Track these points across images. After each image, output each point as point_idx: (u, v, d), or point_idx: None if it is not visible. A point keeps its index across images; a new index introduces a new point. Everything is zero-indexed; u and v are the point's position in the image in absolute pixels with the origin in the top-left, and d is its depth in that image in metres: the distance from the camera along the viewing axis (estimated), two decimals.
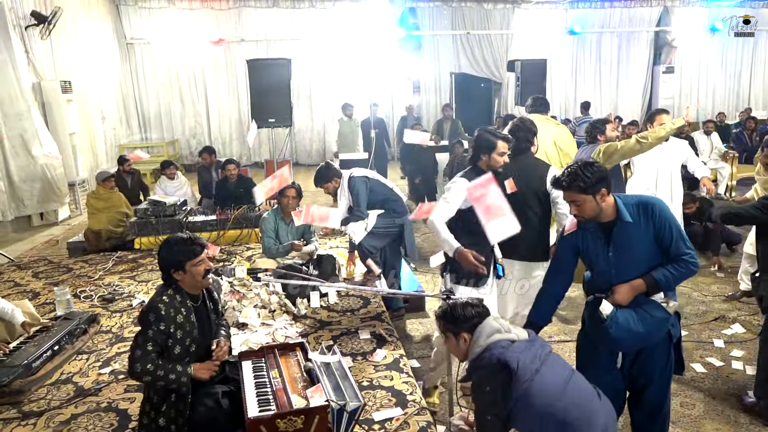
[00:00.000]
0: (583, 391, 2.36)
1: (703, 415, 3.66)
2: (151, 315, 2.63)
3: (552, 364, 2.36)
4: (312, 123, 14.80)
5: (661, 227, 2.60)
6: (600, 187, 2.59)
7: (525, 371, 2.28)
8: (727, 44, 16.29)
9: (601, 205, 2.62)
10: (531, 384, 2.26)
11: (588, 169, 2.60)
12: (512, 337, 2.42)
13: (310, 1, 14.11)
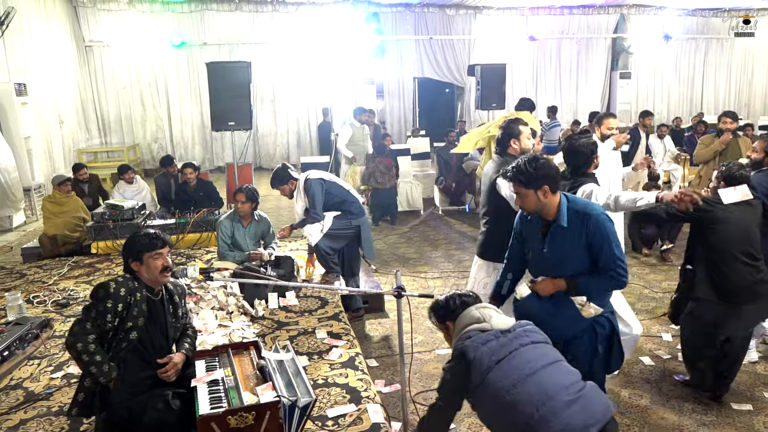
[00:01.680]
0: (547, 387, 2.20)
1: (650, 405, 3.80)
2: (101, 290, 2.69)
3: (519, 358, 2.28)
4: (275, 127, 14.77)
5: (593, 239, 2.70)
6: (542, 184, 2.69)
7: (481, 362, 2.27)
8: (680, 51, 16.83)
9: (543, 201, 2.72)
10: (488, 376, 2.25)
11: (532, 165, 2.72)
12: (485, 327, 2.41)
13: (273, 5, 14.08)
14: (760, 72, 17.49)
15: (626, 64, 16.46)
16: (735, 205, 3.59)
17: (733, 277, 3.54)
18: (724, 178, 3.71)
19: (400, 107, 15.07)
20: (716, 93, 17.34)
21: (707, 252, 3.61)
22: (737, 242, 3.56)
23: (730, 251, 3.54)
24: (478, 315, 2.47)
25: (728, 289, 3.54)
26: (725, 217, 3.55)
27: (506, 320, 2.47)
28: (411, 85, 15.11)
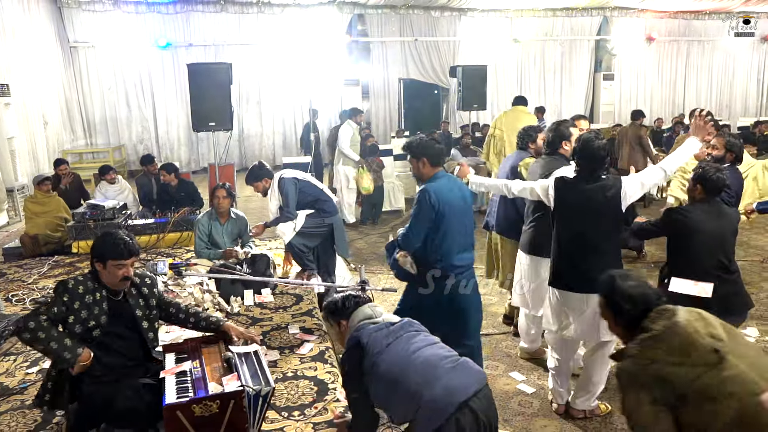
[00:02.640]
0: (430, 359, 2.43)
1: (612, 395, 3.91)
2: (60, 286, 2.77)
3: (405, 341, 2.51)
4: (261, 128, 14.82)
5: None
6: (422, 157, 3.39)
7: (374, 346, 2.48)
8: (662, 53, 17.04)
9: (422, 170, 3.43)
10: (380, 357, 2.46)
11: (423, 141, 3.45)
12: (377, 320, 2.63)
13: (258, 7, 14.13)
14: (740, 74, 17.75)
15: (609, 65, 16.65)
16: (710, 216, 3.49)
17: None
18: (700, 181, 3.55)
19: (386, 108, 15.18)
20: (698, 94, 17.57)
21: (681, 263, 3.51)
22: (710, 254, 3.47)
23: (702, 263, 3.46)
24: (370, 312, 2.68)
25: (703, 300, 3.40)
26: (697, 229, 3.44)
27: (394, 317, 2.72)
28: (396, 87, 15.21)
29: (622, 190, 3.30)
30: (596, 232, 3.36)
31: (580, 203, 3.36)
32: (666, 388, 2.01)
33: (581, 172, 3.40)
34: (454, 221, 3.35)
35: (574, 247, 3.41)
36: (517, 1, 14.75)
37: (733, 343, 2.01)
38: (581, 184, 3.38)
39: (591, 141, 3.37)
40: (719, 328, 2.07)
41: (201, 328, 3.06)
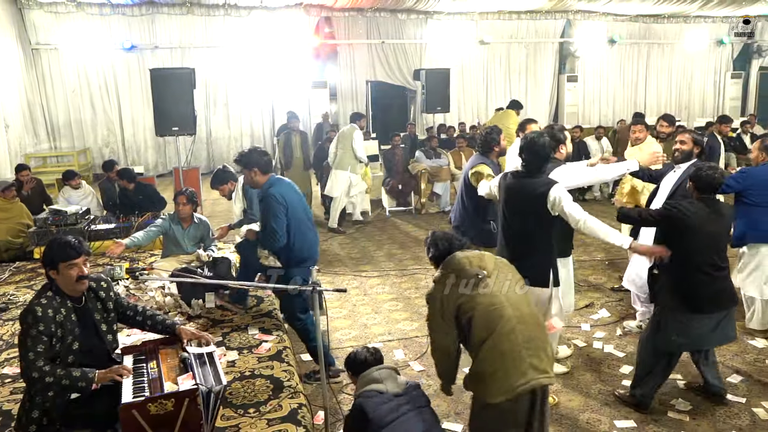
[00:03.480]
0: None
1: (561, 389, 4.11)
2: (29, 317, 2.74)
3: (407, 422, 2.69)
4: (229, 131, 14.81)
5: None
6: (252, 167, 3.82)
7: (378, 421, 2.66)
8: (624, 55, 17.46)
9: (255, 179, 3.86)
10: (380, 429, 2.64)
11: (250, 153, 3.89)
12: (381, 389, 2.82)
13: (225, 9, 14.11)
14: (698, 76, 18.28)
15: (573, 67, 17.01)
16: (707, 214, 3.52)
17: (699, 286, 3.52)
18: (693, 180, 3.61)
19: (354, 110, 15.24)
20: (658, 96, 18.05)
21: (675, 260, 3.55)
22: (705, 252, 3.53)
23: (696, 260, 3.52)
24: (378, 376, 2.89)
25: (695, 299, 3.53)
26: (695, 226, 3.49)
27: (400, 383, 2.87)
28: (364, 89, 15.33)
29: (551, 191, 3.48)
30: (525, 224, 3.60)
31: (515, 196, 3.62)
32: (449, 302, 2.76)
33: (526, 168, 3.63)
34: (303, 217, 3.89)
35: (509, 237, 3.68)
36: (482, 4, 14.98)
37: (495, 277, 2.80)
38: (522, 179, 3.62)
39: (536, 139, 3.58)
40: (489, 265, 2.82)
41: (158, 330, 3.15)
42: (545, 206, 3.49)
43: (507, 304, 2.70)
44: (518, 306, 2.74)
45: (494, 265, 2.85)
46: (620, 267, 6.56)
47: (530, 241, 3.59)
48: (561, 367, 4.30)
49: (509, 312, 2.68)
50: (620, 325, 5.11)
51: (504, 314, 2.67)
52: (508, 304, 2.71)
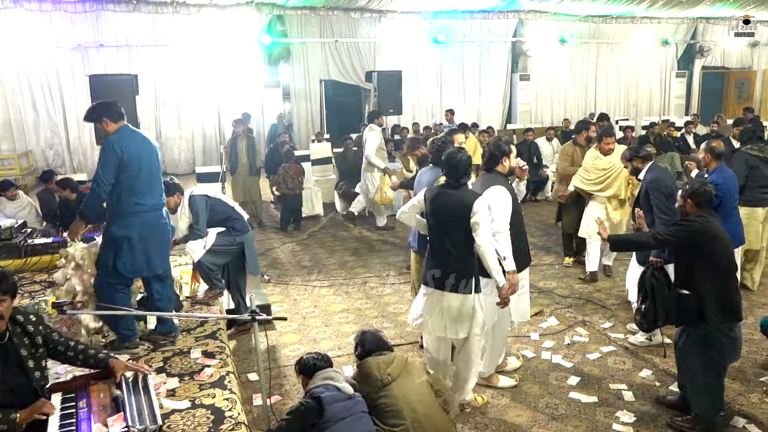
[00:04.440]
0: None
1: (509, 403, 4.12)
2: None
3: (360, 421, 3.01)
4: (180, 131, 14.44)
5: None
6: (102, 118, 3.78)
7: (333, 415, 2.96)
8: (575, 54, 17.78)
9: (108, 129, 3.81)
10: (331, 426, 2.93)
11: (98, 106, 3.86)
12: (338, 386, 3.13)
13: (173, 7, 13.73)
14: (646, 75, 18.77)
15: (525, 66, 17.22)
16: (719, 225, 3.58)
17: (733, 292, 3.52)
18: (690, 197, 3.61)
19: (308, 110, 15.12)
20: (608, 94, 18.46)
21: (713, 272, 3.48)
22: (729, 258, 3.56)
23: (727, 268, 3.51)
24: (334, 374, 3.21)
25: (736, 305, 3.52)
26: (721, 234, 3.50)
27: (348, 387, 3.17)
28: (318, 88, 15.17)
29: (474, 205, 3.58)
30: (448, 235, 3.69)
31: (440, 209, 3.72)
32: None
33: (448, 181, 3.74)
34: (145, 166, 3.81)
35: (435, 247, 3.78)
36: (435, 4, 15.00)
37: (401, 380, 3.22)
38: (446, 191, 3.72)
39: (455, 154, 3.72)
40: (395, 369, 3.23)
41: (90, 365, 3.01)
42: (468, 217, 3.59)
43: (405, 407, 3.11)
44: (415, 408, 3.14)
45: (399, 368, 3.25)
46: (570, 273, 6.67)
47: (454, 251, 3.68)
48: (509, 380, 4.33)
49: (406, 414, 3.10)
50: (568, 333, 5.18)
51: (401, 416, 3.10)
52: (407, 407, 3.12)
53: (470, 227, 3.59)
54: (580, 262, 6.71)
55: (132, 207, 3.80)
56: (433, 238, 3.84)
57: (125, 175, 3.72)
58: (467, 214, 3.58)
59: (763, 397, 4.12)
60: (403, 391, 3.18)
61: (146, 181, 3.84)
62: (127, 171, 3.72)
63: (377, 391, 3.18)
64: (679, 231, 3.60)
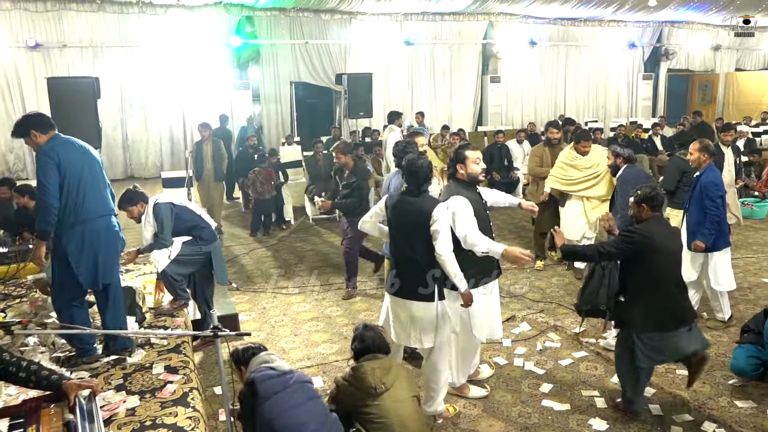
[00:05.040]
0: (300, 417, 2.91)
1: (481, 413, 4.07)
2: None
3: (292, 393, 2.95)
4: (147, 134, 14.10)
5: None
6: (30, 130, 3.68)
7: (266, 391, 2.91)
8: (544, 56, 17.89)
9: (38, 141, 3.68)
10: (265, 403, 2.89)
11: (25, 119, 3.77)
12: (273, 365, 3.08)
13: (139, 7, 13.42)
14: (613, 77, 19.00)
15: (496, 68, 17.27)
16: (665, 232, 3.70)
17: (669, 305, 3.64)
18: (644, 202, 3.70)
19: (278, 112, 14.92)
20: (577, 96, 18.64)
21: (646, 283, 3.64)
22: (671, 270, 3.68)
23: (667, 279, 3.64)
24: (268, 358, 3.14)
25: (666, 318, 3.64)
26: (661, 246, 3.60)
27: (284, 364, 3.13)
28: (288, 90, 14.99)
29: (434, 213, 3.54)
30: (410, 243, 3.66)
31: (400, 216, 3.70)
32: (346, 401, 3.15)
33: (408, 188, 3.71)
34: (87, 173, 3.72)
35: (397, 255, 3.78)
36: (406, 5, 14.95)
37: (394, 391, 3.10)
38: (406, 198, 3.68)
39: (415, 160, 3.67)
40: (391, 378, 3.11)
41: (43, 387, 2.85)
42: (428, 225, 3.55)
43: (396, 422, 3.04)
44: (406, 425, 3.07)
45: (395, 378, 3.14)
46: (541, 277, 6.67)
47: (415, 258, 3.65)
48: (480, 390, 4.27)
49: (396, 429, 3.03)
50: (540, 339, 5.15)
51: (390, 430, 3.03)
52: (397, 423, 3.04)
53: (430, 235, 3.55)
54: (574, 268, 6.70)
55: (78, 216, 3.69)
56: (394, 245, 3.81)
57: (66, 182, 3.63)
58: (427, 222, 3.55)
59: (731, 401, 4.14)
60: (395, 404, 3.08)
61: (90, 189, 3.74)
62: (68, 178, 3.63)
63: (367, 399, 3.07)
64: (620, 243, 3.70)
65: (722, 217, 5.01)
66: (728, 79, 19.83)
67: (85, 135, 6.36)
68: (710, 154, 5.08)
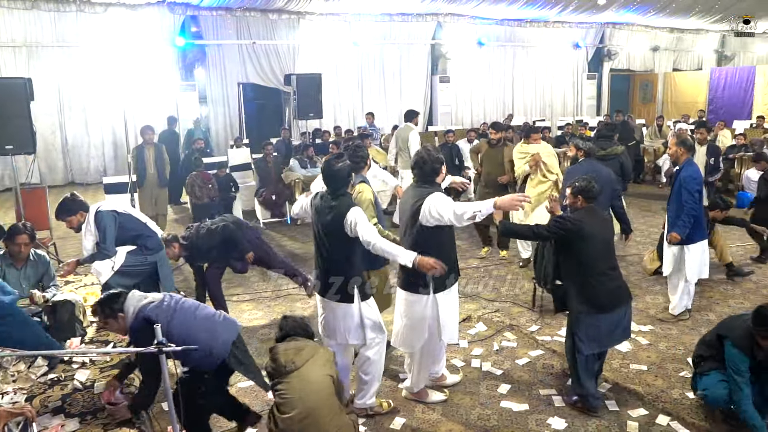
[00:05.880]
0: (207, 316, 3.44)
1: (440, 417, 4.01)
2: None
3: (183, 307, 3.38)
4: (88, 138, 13.53)
5: None
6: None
7: (163, 318, 3.17)
8: (492, 57, 18.14)
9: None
10: (171, 324, 3.20)
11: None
12: (150, 299, 3.35)
13: (77, 5, 12.88)
14: (559, 77, 19.45)
15: (445, 69, 17.39)
16: (597, 221, 3.90)
17: (600, 288, 3.81)
18: (580, 193, 3.93)
19: (225, 114, 14.59)
20: (524, 96, 18.98)
21: (576, 267, 3.86)
22: (602, 256, 3.85)
23: (596, 265, 3.81)
24: (139, 295, 3.40)
25: (599, 299, 3.80)
26: (591, 233, 3.81)
27: (157, 294, 3.46)
28: (236, 91, 14.66)
29: (348, 214, 3.53)
30: (327, 245, 3.68)
31: (320, 218, 3.71)
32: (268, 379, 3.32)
33: (327, 191, 3.72)
34: None
35: (317, 255, 3.80)
36: (354, 5, 14.86)
37: (304, 369, 3.19)
38: (326, 201, 3.69)
39: (332, 164, 3.66)
40: (302, 358, 3.20)
41: None
42: (342, 227, 3.55)
43: (296, 398, 3.12)
44: (305, 400, 3.14)
45: (307, 357, 3.22)
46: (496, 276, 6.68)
47: (336, 259, 3.68)
48: (439, 395, 4.20)
49: (296, 404, 3.11)
50: (497, 339, 5.14)
51: (291, 406, 3.11)
52: (298, 398, 3.12)
53: (347, 237, 3.56)
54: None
55: None
56: (315, 246, 3.83)
57: None
58: (341, 225, 3.56)
59: (683, 392, 4.21)
60: (302, 383, 3.16)
61: None
62: None
63: (279, 377, 3.19)
64: (552, 227, 3.91)
65: (699, 210, 5.09)
66: (666, 78, 20.55)
67: (17, 139, 6.08)
68: (687, 148, 5.12)
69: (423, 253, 3.48)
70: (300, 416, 3.07)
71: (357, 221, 3.51)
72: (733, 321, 3.77)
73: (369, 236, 3.47)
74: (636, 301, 5.83)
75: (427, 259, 3.40)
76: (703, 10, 18.07)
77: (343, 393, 3.49)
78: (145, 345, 2.90)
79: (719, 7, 18.07)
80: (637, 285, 6.29)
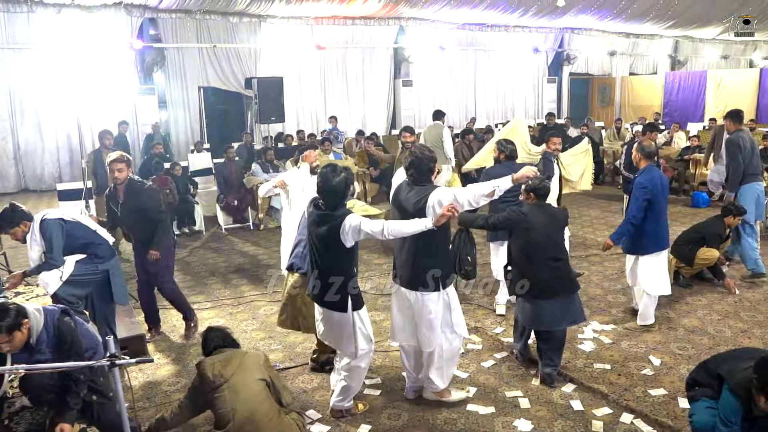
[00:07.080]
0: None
1: (406, 423, 3.95)
2: None
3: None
4: (42, 143, 13.08)
5: None
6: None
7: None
8: (454, 61, 18.23)
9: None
10: None
11: None
12: None
13: (28, 5, 12.46)
14: (520, 81, 19.69)
15: (407, 72, 17.42)
16: (543, 216, 4.24)
17: (537, 276, 4.17)
18: (532, 191, 4.26)
19: (186, 118, 14.29)
20: (486, 99, 19.14)
21: (518, 254, 4.30)
22: (542, 246, 4.19)
23: (536, 253, 4.18)
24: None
25: (534, 286, 4.19)
26: (534, 226, 4.19)
27: None
28: (196, 95, 14.39)
29: (344, 222, 3.53)
30: (322, 256, 3.70)
31: (315, 230, 3.71)
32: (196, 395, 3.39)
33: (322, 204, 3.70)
34: None
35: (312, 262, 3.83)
36: (316, 9, 14.76)
37: (233, 380, 3.25)
38: (323, 212, 3.68)
39: (329, 177, 3.62)
40: (230, 370, 3.26)
41: None
42: (339, 236, 3.55)
43: (230, 409, 3.17)
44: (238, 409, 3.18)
45: (235, 368, 3.28)
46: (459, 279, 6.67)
47: (329, 269, 3.69)
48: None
49: (230, 415, 3.17)
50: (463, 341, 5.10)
51: (227, 418, 3.17)
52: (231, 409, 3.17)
53: (342, 246, 3.58)
54: None
55: None
56: (310, 253, 3.87)
57: None
58: (337, 236, 3.56)
59: (645, 390, 4.25)
60: (233, 393, 3.21)
61: None
62: None
63: (210, 392, 3.23)
64: (500, 217, 4.35)
65: (640, 219, 4.98)
66: (623, 82, 21.01)
67: None
68: (645, 154, 5.14)
69: (425, 252, 3.69)
70: (237, 426, 3.13)
71: (358, 224, 3.52)
72: (738, 363, 3.26)
73: (377, 227, 3.50)
74: (598, 301, 5.93)
75: (441, 213, 3.43)
76: (657, 16, 18.63)
77: (283, 392, 3.50)
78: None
79: (672, 14, 18.67)
80: (599, 285, 6.37)
